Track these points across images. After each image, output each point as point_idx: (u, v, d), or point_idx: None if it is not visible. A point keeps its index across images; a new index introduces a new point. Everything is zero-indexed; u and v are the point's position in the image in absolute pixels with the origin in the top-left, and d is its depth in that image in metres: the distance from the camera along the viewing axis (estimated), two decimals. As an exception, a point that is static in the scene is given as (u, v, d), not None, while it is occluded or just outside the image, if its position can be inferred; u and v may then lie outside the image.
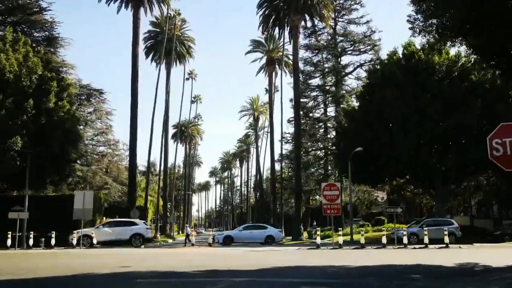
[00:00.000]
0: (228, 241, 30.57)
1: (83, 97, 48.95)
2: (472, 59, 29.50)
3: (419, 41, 31.79)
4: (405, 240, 23.07)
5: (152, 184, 67.34)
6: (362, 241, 22.78)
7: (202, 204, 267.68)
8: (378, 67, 33.07)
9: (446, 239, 22.32)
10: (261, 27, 43.67)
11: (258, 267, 12.20)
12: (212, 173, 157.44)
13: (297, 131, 40.28)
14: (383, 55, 36.11)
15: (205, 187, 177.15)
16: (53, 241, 26.07)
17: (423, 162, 29.97)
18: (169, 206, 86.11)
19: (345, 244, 24.23)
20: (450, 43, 15.93)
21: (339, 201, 23.00)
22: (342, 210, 25.85)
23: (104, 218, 47.20)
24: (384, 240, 22.71)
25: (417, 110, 28.73)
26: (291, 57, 46.13)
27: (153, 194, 61.25)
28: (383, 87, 30.45)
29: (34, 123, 25.73)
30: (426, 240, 22.46)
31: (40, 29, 40.31)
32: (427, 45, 30.49)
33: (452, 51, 30.57)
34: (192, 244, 28.92)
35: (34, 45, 31.62)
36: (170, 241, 44.28)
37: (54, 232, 26.37)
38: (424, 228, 24.69)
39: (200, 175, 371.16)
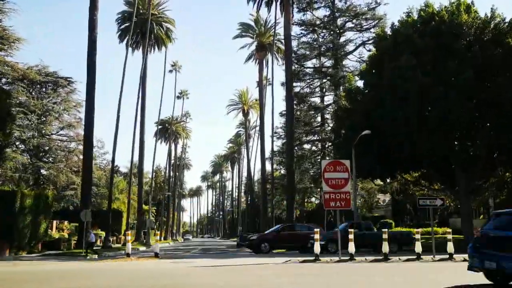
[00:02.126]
0: None
1: (49, 86, 43.14)
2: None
3: (438, 4, 25.75)
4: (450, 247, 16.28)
5: (134, 186, 60.95)
6: (386, 249, 16.16)
7: (194, 210, 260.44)
8: (389, 32, 26.83)
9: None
10: (246, -7, 37.55)
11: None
12: (204, 178, 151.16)
13: (290, 117, 34.06)
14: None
15: (197, 192, 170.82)
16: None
17: (448, 149, 23.82)
18: (153, 210, 79.76)
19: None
20: None
21: (348, 188, 16.28)
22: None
23: (57, 222, 40.92)
24: (418, 248, 16.18)
25: (441, 81, 22.57)
26: (284, 41, 39.88)
27: (136, 198, 54.99)
28: (395, 56, 24.28)
29: None
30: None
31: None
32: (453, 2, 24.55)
33: (482, 11, 24.57)
34: (128, 254, 20.89)
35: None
36: (143, 248, 37.63)
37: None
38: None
39: (192, 180, 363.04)
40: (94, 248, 25.23)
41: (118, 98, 38.44)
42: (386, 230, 17.41)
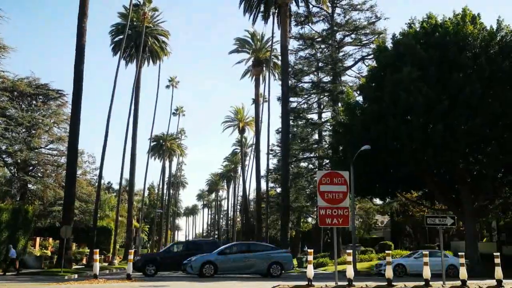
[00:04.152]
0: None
1: (39, 99, 42.00)
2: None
3: (441, 17, 24.69)
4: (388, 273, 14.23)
5: (124, 203, 59.11)
6: (389, 274, 14.36)
7: (190, 229, 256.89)
8: (390, 45, 25.64)
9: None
10: (242, 5, 36.44)
11: None
12: (200, 196, 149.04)
13: (285, 132, 32.67)
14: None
15: (192, 211, 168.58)
16: None
17: (453, 167, 22.46)
18: (146, 228, 77.66)
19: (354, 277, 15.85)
20: None
21: (346, 203, 14.38)
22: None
23: (41, 239, 39.21)
24: (427, 272, 14.09)
25: (446, 94, 21.31)
26: (280, 54, 38.77)
27: (125, 214, 53.17)
28: (396, 68, 23.07)
29: None
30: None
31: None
32: (457, 14, 23.49)
33: (488, 23, 23.50)
34: (95, 276, 17.63)
35: None
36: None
37: None
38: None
39: (188, 198, 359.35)
40: (78, 266, 23.57)
41: (108, 111, 37.13)
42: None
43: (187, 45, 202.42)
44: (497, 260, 14.40)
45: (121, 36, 45.13)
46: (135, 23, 47.09)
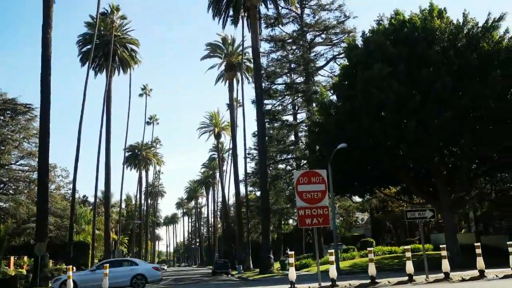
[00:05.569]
0: None
1: (7, 114, 40.89)
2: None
3: (408, 13, 24.92)
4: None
5: (101, 216, 57.88)
6: (372, 271, 14.26)
7: (171, 238, 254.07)
8: (360, 42, 25.73)
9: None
10: (211, 8, 36.16)
11: None
12: (179, 205, 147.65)
13: (262, 135, 32.51)
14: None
15: (172, 220, 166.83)
16: None
17: (428, 161, 22.63)
18: (125, 241, 76.28)
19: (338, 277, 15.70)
20: None
21: (326, 202, 14.31)
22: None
23: (15, 257, 38.15)
24: (409, 268, 14.18)
25: (418, 90, 21.44)
26: (252, 56, 38.59)
27: (102, 228, 52.06)
28: (367, 65, 23.12)
29: None
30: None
31: None
32: (424, 9, 23.73)
33: (454, 17, 23.78)
34: None
35: None
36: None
37: None
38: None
39: (167, 208, 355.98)
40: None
41: (79, 123, 36.38)
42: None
43: (159, 52, 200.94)
44: (478, 251, 14.49)
45: (89, 46, 44.37)
46: (102, 32, 46.40)
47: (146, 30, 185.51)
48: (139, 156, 71.89)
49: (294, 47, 39.56)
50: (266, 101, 37.30)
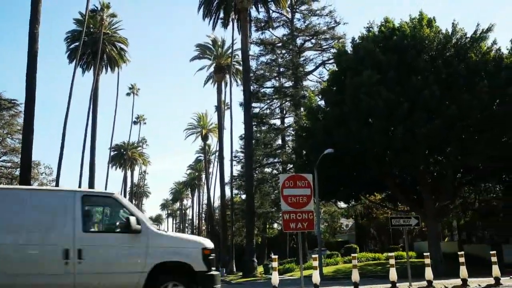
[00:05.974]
0: None
1: (-9, 109, 40.22)
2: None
3: (398, 21, 25.08)
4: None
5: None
6: (355, 278, 14.21)
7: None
8: (350, 48, 25.82)
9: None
10: (201, 9, 36.04)
11: None
12: (164, 206, 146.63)
13: (248, 137, 32.40)
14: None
15: (156, 221, 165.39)
16: None
17: (414, 169, 22.74)
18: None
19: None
20: None
21: (311, 207, 14.14)
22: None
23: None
24: (393, 275, 14.07)
25: (406, 97, 21.54)
26: (241, 59, 38.52)
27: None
28: (357, 71, 23.18)
29: None
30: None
31: None
32: (414, 18, 23.89)
33: (443, 26, 24.00)
34: None
35: None
36: None
37: None
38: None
39: (152, 208, 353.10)
40: None
41: (64, 120, 35.89)
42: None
43: (148, 52, 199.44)
44: (462, 259, 14.50)
45: (77, 43, 43.86)
46: (91, 30, 45.94)
47: (136, 30, 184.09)
48: (124, 156, 71.32)
49: (283, 51, 39.63)
50: (254, 104, 37.24)
